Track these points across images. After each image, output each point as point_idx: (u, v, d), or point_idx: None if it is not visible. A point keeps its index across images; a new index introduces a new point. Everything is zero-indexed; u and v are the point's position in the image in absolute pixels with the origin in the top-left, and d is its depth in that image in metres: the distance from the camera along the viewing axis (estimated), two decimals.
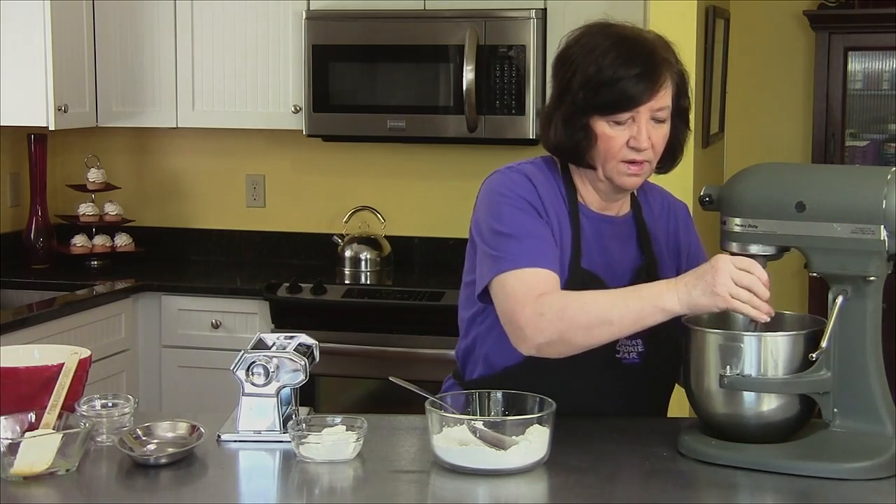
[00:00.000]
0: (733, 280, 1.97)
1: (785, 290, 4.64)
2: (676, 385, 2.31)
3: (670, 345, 2.20)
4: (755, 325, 2.03)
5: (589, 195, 2.28)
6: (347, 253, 4.58)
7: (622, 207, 2.32)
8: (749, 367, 1.99)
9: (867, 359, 2.00)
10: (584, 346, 2.08)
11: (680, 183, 3.82)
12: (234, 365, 2.14)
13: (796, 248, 2.03)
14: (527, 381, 2.15)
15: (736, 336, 2.04)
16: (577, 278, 2.20)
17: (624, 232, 2.30)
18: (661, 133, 2.19)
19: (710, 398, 2.05)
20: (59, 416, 2.05)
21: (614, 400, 2.24)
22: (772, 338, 2.02)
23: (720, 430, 2.06)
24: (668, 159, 2.26)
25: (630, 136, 2.16)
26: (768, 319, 1.99)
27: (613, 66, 2.13)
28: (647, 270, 2.28)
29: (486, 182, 2.27)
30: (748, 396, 2.01)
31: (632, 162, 2.18)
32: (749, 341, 2.01)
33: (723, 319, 2.13)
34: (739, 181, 2.07)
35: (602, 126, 2.17)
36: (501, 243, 2.16)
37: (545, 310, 2.07)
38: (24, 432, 2.01)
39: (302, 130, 4.46)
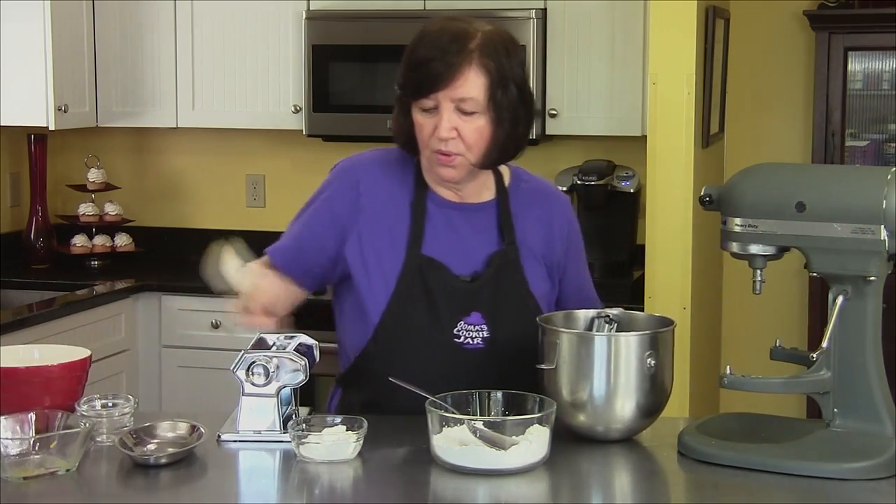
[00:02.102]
0: None
1: (785, 290, 4.63)
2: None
3: (518, 329, 2.23)
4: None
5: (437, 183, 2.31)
6: None
7: (481, 194, 2.33)
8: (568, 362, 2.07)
9: (867, 359, 2.00)
10: None
11: (680, 183, 3.84)
12: (234, 365, 2.14)
13: (796, 248, 2.03)
14: (373, 370, 2.25)
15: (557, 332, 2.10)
16: (414, 264, 2.25)
17: (480, 218, 2.32)
18: (473, 126, 2.19)
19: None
20: (59, 417, 2.05)
21: (462, 386, 2.14)
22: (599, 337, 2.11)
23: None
24: (493, 156, 2.24)
25: (435, 125, 2.19)
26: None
27: (417, 53, 2.20)
28: (505, 255, 2.29)
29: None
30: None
31: (440, 152, 2.20)
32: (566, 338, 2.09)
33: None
34: (739, 181, 2.07)
35: (415, 113, 2.22)
36: (287, 228, 2.45)
37: None
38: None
39: (302, 130, 4.45)
